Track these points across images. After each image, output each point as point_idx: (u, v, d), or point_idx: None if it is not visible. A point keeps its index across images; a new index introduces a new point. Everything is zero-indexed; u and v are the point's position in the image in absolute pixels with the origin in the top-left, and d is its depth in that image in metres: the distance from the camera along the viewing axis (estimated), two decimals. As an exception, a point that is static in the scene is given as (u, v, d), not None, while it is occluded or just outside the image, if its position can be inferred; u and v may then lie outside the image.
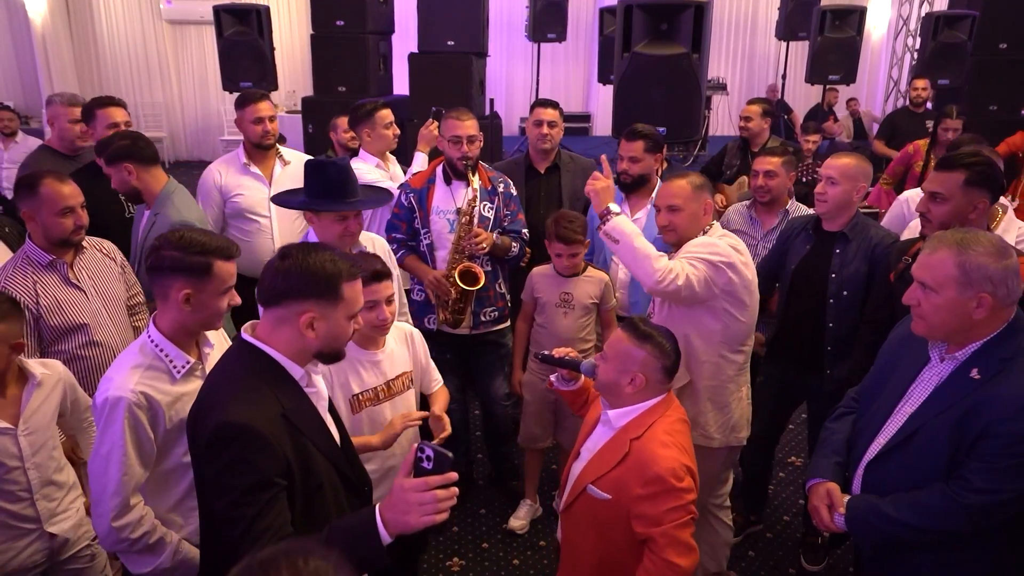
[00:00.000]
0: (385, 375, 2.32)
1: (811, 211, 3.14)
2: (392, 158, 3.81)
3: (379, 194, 2.89)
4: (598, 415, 2.13)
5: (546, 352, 2.28)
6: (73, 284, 2.48)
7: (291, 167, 3.58)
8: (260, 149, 3.49)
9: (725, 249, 2.44)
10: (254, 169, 3.50)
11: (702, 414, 2.54)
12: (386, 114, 3.63)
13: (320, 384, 1.75)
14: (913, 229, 2.93)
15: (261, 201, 3.48)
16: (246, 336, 1.64)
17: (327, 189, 2.50)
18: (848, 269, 2.78)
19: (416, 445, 1.48)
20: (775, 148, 3.52)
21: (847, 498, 1.90)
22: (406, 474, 1.47)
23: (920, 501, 1.76)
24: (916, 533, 1.78)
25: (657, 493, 1.86)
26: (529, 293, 3.20)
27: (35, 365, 2.16)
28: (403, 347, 2.41)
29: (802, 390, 3.07)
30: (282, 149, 3.62)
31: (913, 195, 3.56)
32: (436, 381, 2.55)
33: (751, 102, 4.55)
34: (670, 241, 2.59)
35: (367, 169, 3.52)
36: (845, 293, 2.81)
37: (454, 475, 1.45)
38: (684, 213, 2.49)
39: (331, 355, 1.67)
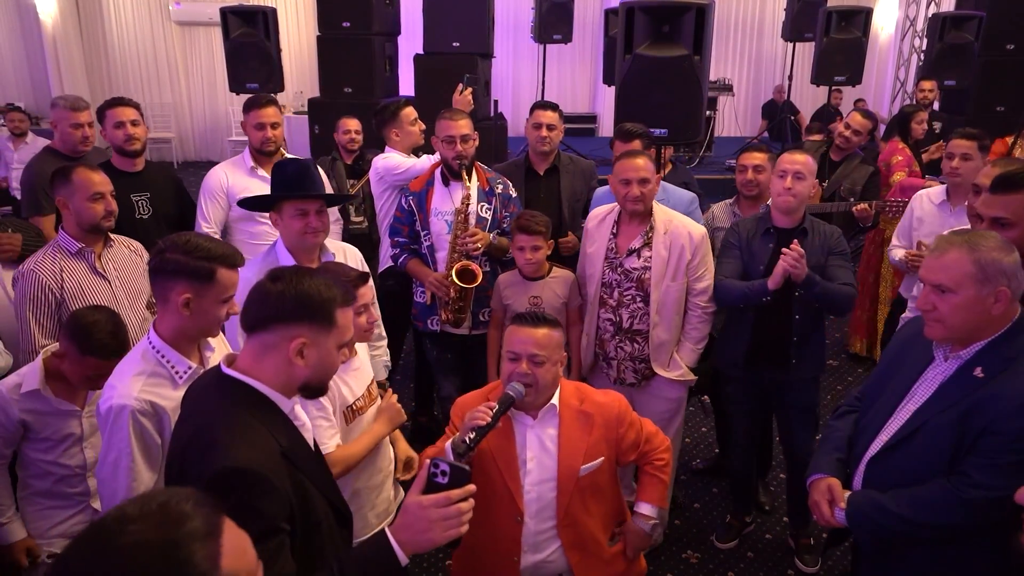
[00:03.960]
0: (364, 382, 2.29)
1: None
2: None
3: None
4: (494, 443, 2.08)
5: (469, 437, 1.87)
6: (99, 273, 2.58)
7: None
8: (262, 154, 3.49)
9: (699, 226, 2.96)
10: (261, 172, 3.48)
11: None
12: (410, 111, 3.79)
13: (303, 415, 1.68)
14: (925, 236, 2.88)
15: None
16: (226, 369, 1.51)
17: (285, 185, 2.49)
18: (810, 261, 2.78)
19: (429, 461, 1.42)
20: (759, 145, 3.61)
21: (848, 493, 1.91)
22: (419, 491, 1.41)
23: (919, 495, 1.78)
24: (914, 527, 1.79)
25: (632, 422, 2.19)
26: (498, 301, 3.15)
27: None
28: (365, 354, 2.37)
29: (771, 386, 3.07)
30: (287, 155, 3.62)
31: (924, 194, 3.50)
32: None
33: (864, 115, 4.39)
34: (638, 211, 2.83)
35: (395, 156, 3.66)
36: None
37: (473, 487, 1.42)
38: (651, 185, 2.83)
39: (317, 388, 1.56)
